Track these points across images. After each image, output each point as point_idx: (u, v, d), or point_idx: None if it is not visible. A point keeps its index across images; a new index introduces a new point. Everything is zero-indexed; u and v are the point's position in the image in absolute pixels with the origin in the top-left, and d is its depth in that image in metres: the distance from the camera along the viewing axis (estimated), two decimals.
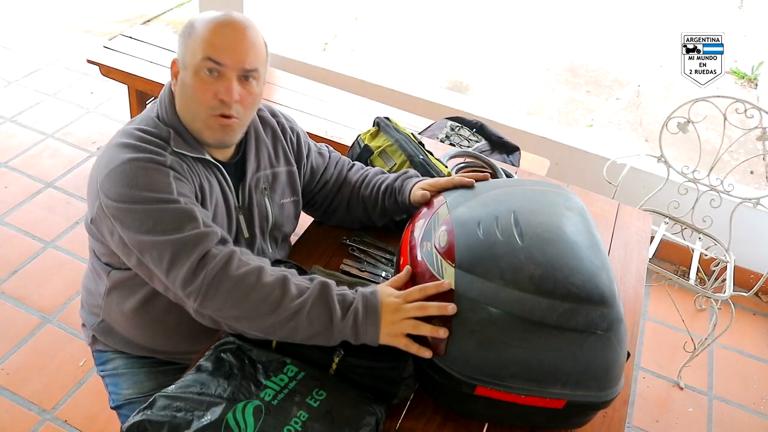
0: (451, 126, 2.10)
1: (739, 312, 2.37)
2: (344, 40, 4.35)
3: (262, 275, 0.98)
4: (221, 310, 0.98)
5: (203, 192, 1.10)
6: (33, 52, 3.44)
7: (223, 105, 1.06)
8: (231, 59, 1.04)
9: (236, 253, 1.00)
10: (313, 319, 0.96)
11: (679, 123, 2.02)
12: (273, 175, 1.24)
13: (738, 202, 2.08)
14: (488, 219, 1.03)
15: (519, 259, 0.95)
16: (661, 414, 2.03)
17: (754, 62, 4.33)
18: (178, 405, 0.92)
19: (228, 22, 1.06)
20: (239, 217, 1.19)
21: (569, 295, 0.92)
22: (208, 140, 1.11)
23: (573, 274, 0.95)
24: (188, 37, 1.06)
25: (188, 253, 0.97)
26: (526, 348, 0.92)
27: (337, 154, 1.39)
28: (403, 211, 1.28)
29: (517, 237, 0.98)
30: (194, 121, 1.09)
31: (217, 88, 1.05)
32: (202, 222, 1.01)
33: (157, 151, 1.05)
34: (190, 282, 0.97)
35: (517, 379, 0.93)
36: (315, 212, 1.41)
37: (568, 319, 0.92)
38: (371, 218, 1.35)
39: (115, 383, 1.28)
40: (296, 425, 0.91)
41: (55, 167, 2.66)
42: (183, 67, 1.08)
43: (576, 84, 4.10)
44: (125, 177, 1.01)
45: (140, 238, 1.00)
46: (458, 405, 1.03)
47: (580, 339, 0.92)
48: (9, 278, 2.16)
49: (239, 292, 0.97)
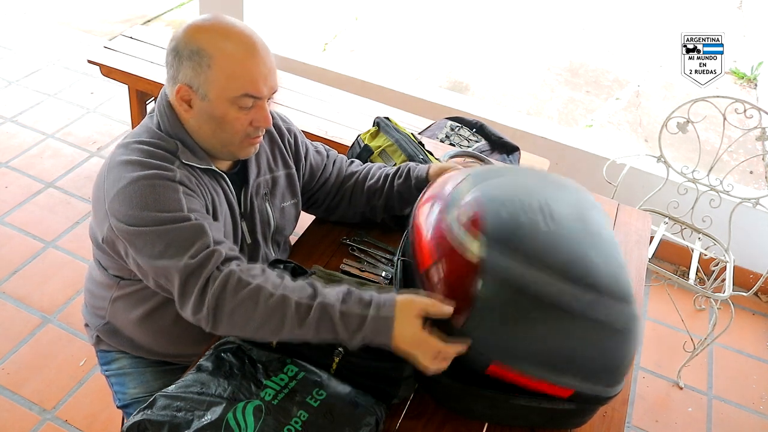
0: (451, 126, 2.10)
1: (739, 312, 2.37)
2: (344, 40, 4.35)
3: (260, 298, 0.95)
4: (231, 332, 0.98)
5: (214, 204, 1.10)
6: (33, 53, 3.44)
7: (259, 129, 1.08)
8: (267, 89, 1.05)
9: (234, 274, 0.96)
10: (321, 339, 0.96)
11: (679, 123, 2.02)
12: (272, 180, 1.24)
13: (737, 202, 2.08)
14: (515, 199, 0.99)
15: (547, 242, 0.93)
16: (661, 414, 2.03)
17: (753, 62, 4.33)
18: (179, 405, 0.92)
19: (252, 49, 1.03)
20: (242, 225, 1.19)
21: (595, 286, 0.91)
22: (241, 157, 1.13)
23: (600, 266, 0.94)
24: (207, 67, 1.01)
25: (195, 280, 0.96)
26: (548, 332, 0.90)
27: (334, 152, 1.39)
28: (416, 190, 1.25)
29: (545, 220, 0.96)
30: (225, 146, 1.09)
31: (253, 117, 1.06)
32: (212, 239, 1.00)
33: (165, 165, 1.03)
34: (198, 310, 0.97)
35: (532, 362, 0.91)
36: (317, 210, 1.40)
37: (593, 309, 0.90)
38: (374, 210, 1.34)
39: (121, 383, 1.28)
40: (296, 425, 0.91)
41: (55, 167, 2.66)
42: (204, 98, 1.04)
43: (576, 84, 4.10)
44: (134, 197, 0.99)
45: (153, 263, 0.99)
46: (458, 403, 1.03)
47: (600, 331, 0.92)
48: (9, 278, 2.16)
49: (239, 318, 0.96)
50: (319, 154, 1.34)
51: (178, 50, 1.03)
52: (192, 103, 1.06)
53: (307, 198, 1.36)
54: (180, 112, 1.08)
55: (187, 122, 1.08)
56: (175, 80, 1.05)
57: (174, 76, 1.05)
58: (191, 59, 1.02)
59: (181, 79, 1.04)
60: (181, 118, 1.09)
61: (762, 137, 1.94)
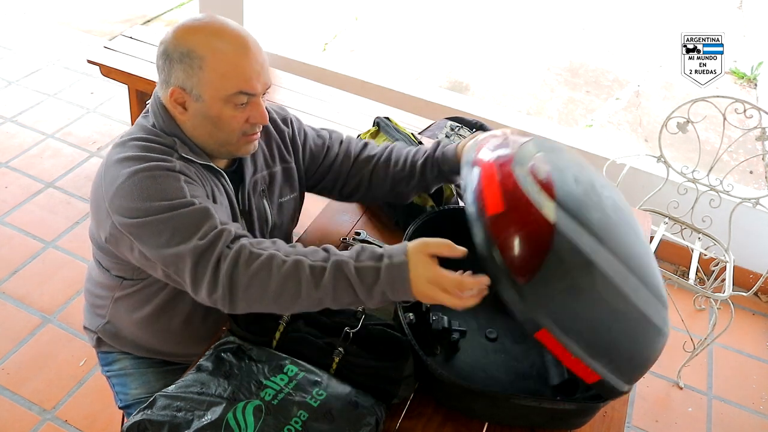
0: (451, 126, 2.10)
1: (739, 312, 2.37)
2: (344, 40, 4.35)
3: (273, 267, 0.94)
4: (250, 308, 0.96)
5: (214, 197, 1.09)
6: (33, 53, 3.44)
7: (256, 126, 1.08)
8: (261, 85, 1.04)
9: (245, 248, 0.95)
10: (339, 301, 0.94)
11: (679, 123, 2.02)
12: (269, 176, 1.23)
13: (737, 202, 2.08)
14: (579, 175, 0.97)
15: (610, 226, 0.93)
16: (661, 414, 2.03)
17: (753, 62, 4.33)
18: (179, 405, 0.92)
19: (241, 46, 1.02)
20: (241, 222, 1.18)
21: (647, 281, 0.93)
22: (238, 155, 1.12)
23: (651, 265, 0.98)
24: (200, 69, 1.00)
25: (206, 261, 0.95)
26: (604, 312, 0.89)
27: (340, 134, 1.34)
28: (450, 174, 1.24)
29: (604, 204, 0.96)
30: (223, 146, 1.09)
31: (248, 114, 1.05)
32: (218, 220, 0.98)
33: (163, 157, 1.02)
34: (213, 290, 0.95)
35: (579, 338, 0.89)
36: (330, 194, 1.37)
37: (644, 303, 0.91)
38: (400, 195, 1.31)
39: (123, 383, 1.28)
40: (296, 425, 0.91)
41: (55, 167, 2.66)
42: (198, 99, 1.03)
43: (576, 84, 4.10)
44: (135, 190, 0.98)
45: (161, 252, 0.97)
46: (459, 402, 1.03)
47: (646, 325, 0.92)
48: (9, 278, 2.16)
49: (255, 291, 0.94)
50: (321, 138, 1.31)
51: (168, 53, 1.03)
52: (186, 105, 1.05)
53: (316, 182, 1.33)
54: (175, 115, 1.07)
55: (184, 124, 1.07)
56: (167, 84, 1.04)
57: (166, 79, 1.04)
58: (182, 61, 1.01)
59: (174, 82, 1.03)
60: (177, 121, 1.08)
61: (762, 137, 1.94)
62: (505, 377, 1.14)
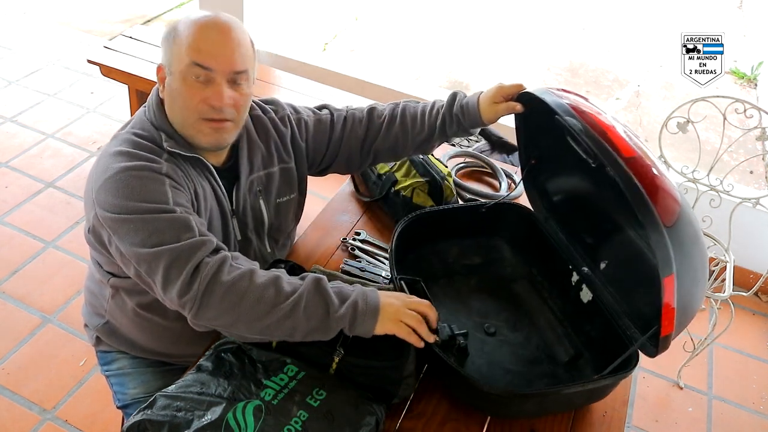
0: None
1: (739, 312, 2.37)
2: (344, 40, 4.35)
3: (254, 277, 0.96)
4: (218, 318, 0.96)
5: (198, 198, 1.09)
6: (33, 52, 3.44)
7: (213, 110, 1.05)
8: (219, 63, 1.03)
9: (228, 259, 0.98)
10: (310, 315, 0.95)
11: (679, 123, 2.02)
12: (267, 176, 1.22)
13: (737, 202, 2.08)
14: None
15: None
16: (661, 414, 2.03)
17: (753, 62, 4.33)
18: (179, 405, 0.92)
19: (212, 24, 1.03)
20: (233, 221, 1.18)
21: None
22: (203, 144, 1.09)
23: None
24: (173, 42, 1.04)
25: (183, 263, 0.95)
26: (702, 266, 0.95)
27: (343, 112, 1.31)
28: (470, 127, 1.26)
29: None
30: (185, 127, 1.08)
31: (206, 94, 1.04)
32: (198, 231, 0.99)
33: (152, 158, 1.03)
34: (185, 292, 0.95)
35: (683, 286, 0.92)
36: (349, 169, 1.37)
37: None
38: (424, 151, 1.33)
39: (121, 383, 1.28)
40: (296, 425, 0.91)
41: (55, 167, 2.66)
42: (169, 72, 1.06)
43: (576, 84, 4.10)
44: (120, 187, 0.99)
45: (136, 250, 0.97)
46: (508, 409, 1.05)
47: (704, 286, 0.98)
48: (9, 278, 2.16)
49: (233, 296, 0.95)
50: (321, 122, 1.30)
51: (163, 37, 1.08)
52: (165, 82, 1.08)
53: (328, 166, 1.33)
54: (163, 97, 1.10)
55: (167, 108, 1.09)
56: None
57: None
58: (166, 39, 1.06)
59: (160, 60, 1.09)
60: (165, 107, 1.10)
61: (762, 137, 1.94)
62: (521, 367, 1.15)
